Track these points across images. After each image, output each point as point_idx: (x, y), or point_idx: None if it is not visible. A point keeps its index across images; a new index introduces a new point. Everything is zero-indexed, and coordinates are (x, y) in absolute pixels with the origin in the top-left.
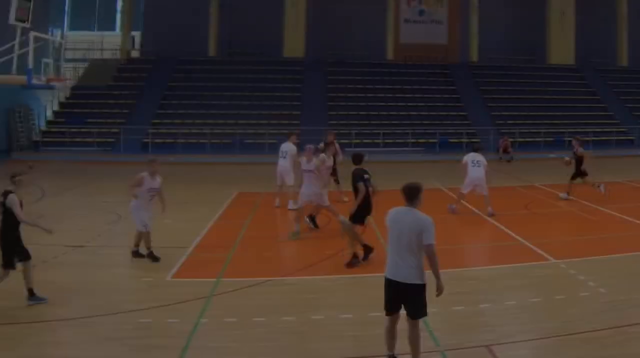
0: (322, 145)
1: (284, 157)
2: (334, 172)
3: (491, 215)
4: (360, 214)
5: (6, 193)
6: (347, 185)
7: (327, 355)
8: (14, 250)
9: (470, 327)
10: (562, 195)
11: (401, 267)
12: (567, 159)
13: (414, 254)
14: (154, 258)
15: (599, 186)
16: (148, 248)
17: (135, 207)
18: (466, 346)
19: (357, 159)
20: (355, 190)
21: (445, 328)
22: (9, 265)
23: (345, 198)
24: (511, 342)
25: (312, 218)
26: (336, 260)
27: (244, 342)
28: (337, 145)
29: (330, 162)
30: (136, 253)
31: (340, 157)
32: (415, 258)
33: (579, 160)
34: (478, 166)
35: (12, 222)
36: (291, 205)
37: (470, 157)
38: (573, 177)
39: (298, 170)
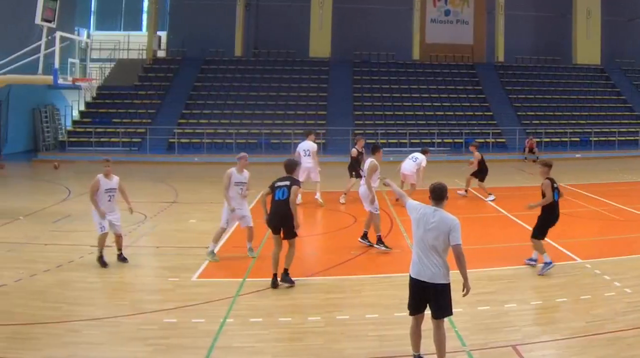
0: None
1: (308, 155)
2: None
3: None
4: None
5: None
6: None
7: (352, 355)
8: None
9: (496, 326)
10: (490, 198)
11: (426, 266)
12: (470, 161)
13: (439, 254)
14: (103, 263)
15: (489, 194)
16: (100, 250)
17: (95, 210)
18: (492, 346)
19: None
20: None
21: (471, 328)
22: None
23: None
24: (537, 342)
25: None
26: (362, 260)
27: (270, 342)
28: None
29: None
30: (120, 257)
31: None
32: (441, 258)
33: (479, 164)
34: (413, 161)
35: None
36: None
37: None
38: (474, 175)
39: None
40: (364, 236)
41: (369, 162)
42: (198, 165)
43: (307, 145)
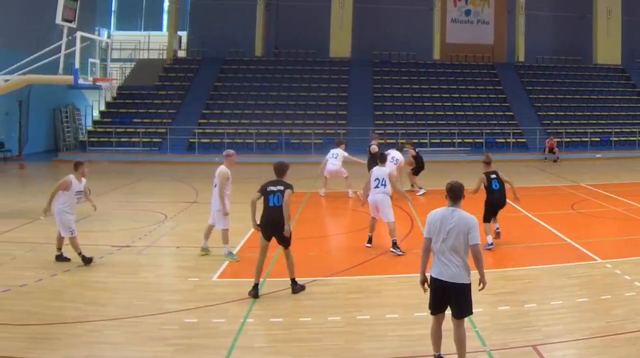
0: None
1: (335, 157)
2: None
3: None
4: None
5: None
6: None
7: (372, 355)
8: None
9: (516, 326)
10: (421, 191)
11: (447, 266)
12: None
13: (460, 254)
14: (87, 260)
15: (419, 188)
16: (79, 253)
17: (60, 211)
18: (512, 346)
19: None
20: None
21: (491, 328)
22: None
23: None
24: (557, 342)
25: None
26: (382, 260)
27: (290, 342)
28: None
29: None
30: (60, 257)
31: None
32: (462, 258)
33: (417, 160)
34: (334, 158)
35: None
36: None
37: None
38: (414, 171)
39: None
40: (394, 245)
41: (386, 170)
42: (218, 165)
43: (337, 151)
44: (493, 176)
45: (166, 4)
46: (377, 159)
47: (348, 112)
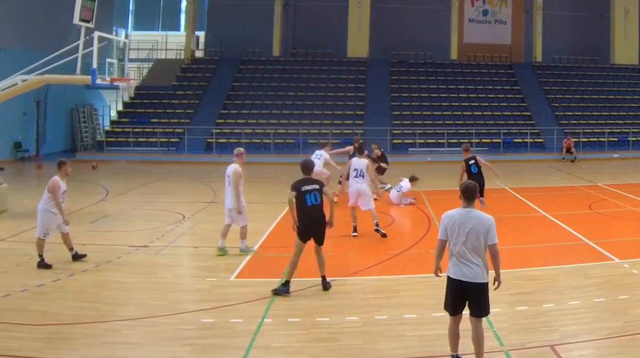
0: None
1: (318, 158)
2: None
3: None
4: None
5: None
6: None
7: (390, 355)
8: None
9: (534, 326)
10: (383, 187)
11: (466, 266)
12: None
13: (479, 254)
14: (47, 266)
15: (383, 187)
16: (40, 255)
17: (45, 210)
18: (530, 346)
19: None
20: None
21: (509, 328)
22: None
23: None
24: (575, 342)
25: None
26: (399, 260)
27: (307, 342)
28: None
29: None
30: (76, 256)
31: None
32: (480, 258)
33: (379, 159)
34: (317, 158)
35: None
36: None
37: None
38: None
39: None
40: (377, 225)
41: (365, 162)
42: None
43: (320, 152)
44: (472, 162)
45: (184, 4)
46: (356, 150)
47: (365, 112)
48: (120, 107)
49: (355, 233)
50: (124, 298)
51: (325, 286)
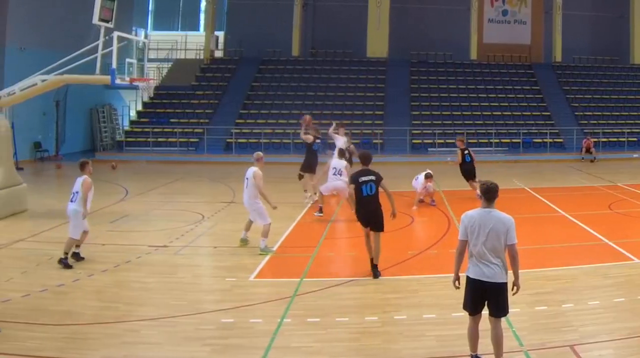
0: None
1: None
2: None
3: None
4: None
5: None
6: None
7: (410, 355)
8: None
9: (553, 326)
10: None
11: (486, 266)
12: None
13: (499, 254)
14: (68, 266)
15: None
16: (67, 254)
17: (78, 211)
18: (549, 346)
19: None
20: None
21: (529, 328)
22: None
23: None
24: (594, 342)
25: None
26: (418, 260)
27: (327, 342)
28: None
29: None
30: (64, 262)
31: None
32: (500, 258)
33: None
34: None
35: None
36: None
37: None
38: None
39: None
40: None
41: (343, 163)
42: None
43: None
44: (466, 152)
45: (203, 4)
46: (338, 153)
47: (385, 112)
48: (139, 107)
49: (320, 214)
50: (143, 298)
51: (375, 274)
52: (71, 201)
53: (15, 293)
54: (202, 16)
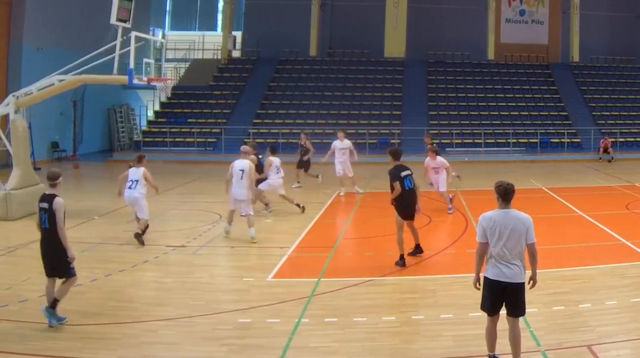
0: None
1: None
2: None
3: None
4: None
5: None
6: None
7: (427, 355)
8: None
9: (571, 326)
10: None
11: (506, 267)
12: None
13: (518, 254)
14: (142, 242)
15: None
16: (143, 231)
17: (142, 196)
18: (567, 346)
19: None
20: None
21: (546, 328)
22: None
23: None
24: (612, 342)
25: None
26: (436, 260)
27: (344, 342)
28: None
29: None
30: (140, 237)
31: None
32: (520, 258)
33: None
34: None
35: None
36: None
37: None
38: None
39: None
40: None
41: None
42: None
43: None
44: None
45: (221, 4)
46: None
47: (402, 112)
48: (157, 107)
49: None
50: (161, 298)
51: (417, 252)
52: (129, 188)
53: (33, 294)
54: (219, 16)
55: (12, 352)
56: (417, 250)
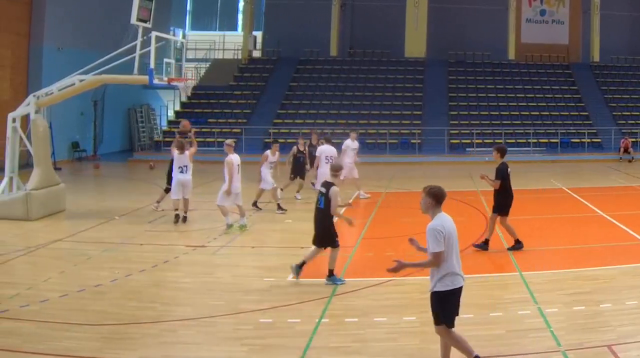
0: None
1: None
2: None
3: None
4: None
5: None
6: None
7: None
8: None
9: (591, 326)
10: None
11: (461, 271)
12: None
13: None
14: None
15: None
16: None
17: (189, 180)
18: (587, 346)
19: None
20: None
21: (567, 328)
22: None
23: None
24: (633, 342)
25: None
26: None
27: (365, 342)
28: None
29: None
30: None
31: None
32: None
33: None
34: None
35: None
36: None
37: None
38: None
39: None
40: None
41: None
42: None
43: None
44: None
45: (241, 4)
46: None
47: (423, 112)
48: (177, 107)
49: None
50: (181, 298)
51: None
52: (181, 173)
53: (54, 294)
54: (240, 16)
55: (33, 352)
56: (518, 244)
